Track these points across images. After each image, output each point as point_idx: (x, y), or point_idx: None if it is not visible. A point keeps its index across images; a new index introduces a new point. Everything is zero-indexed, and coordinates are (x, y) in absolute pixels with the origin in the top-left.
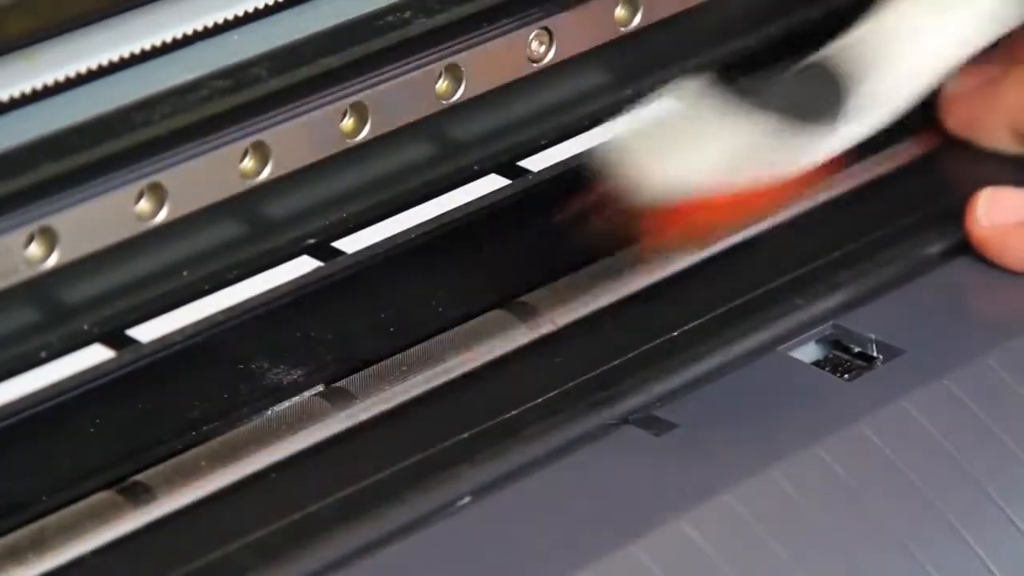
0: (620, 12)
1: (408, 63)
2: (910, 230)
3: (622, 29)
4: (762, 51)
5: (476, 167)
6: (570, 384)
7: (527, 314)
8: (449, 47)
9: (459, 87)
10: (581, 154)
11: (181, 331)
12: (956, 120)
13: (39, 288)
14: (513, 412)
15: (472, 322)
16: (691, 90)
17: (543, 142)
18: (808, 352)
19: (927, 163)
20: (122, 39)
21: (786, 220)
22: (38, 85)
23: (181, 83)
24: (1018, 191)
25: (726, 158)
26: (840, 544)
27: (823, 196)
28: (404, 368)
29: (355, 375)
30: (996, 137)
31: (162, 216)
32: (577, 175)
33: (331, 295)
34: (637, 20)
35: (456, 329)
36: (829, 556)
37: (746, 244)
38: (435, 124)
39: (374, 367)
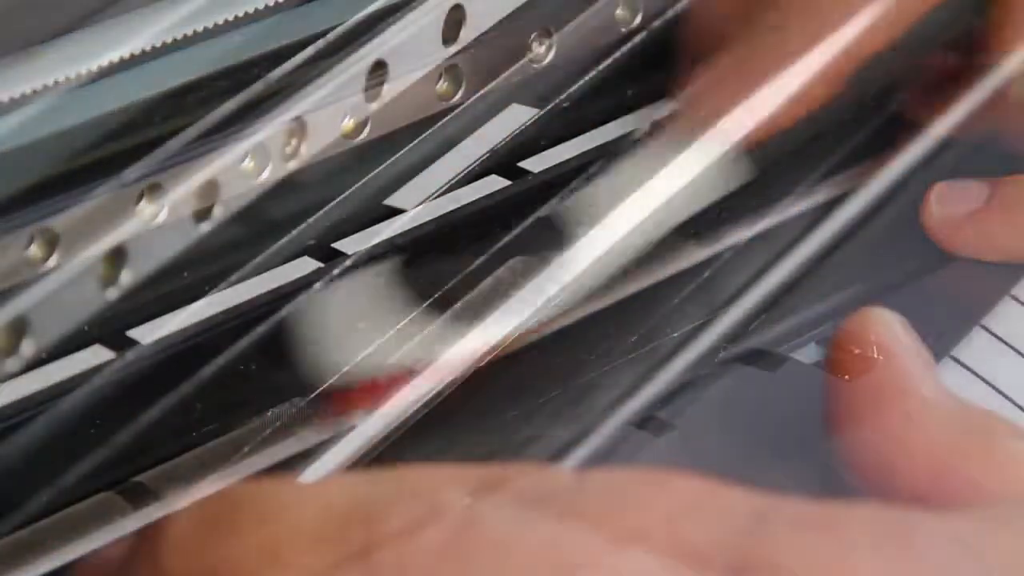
0: (620, 12)
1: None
2: (910, 230)
3: (623, 29)
4: None
5: (478, 167)
6: (570, 385)
7: None
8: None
9: (459, 88)
10: (580, 154)
11: (181, 331)
12: None
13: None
14: (513, 412)
15: None
16: None
17: (542, 143)
18: (808, 353)
19: (927, 164)
20: (123, 40)
21: (786, 220)
22: (38, 85)
23: (181, 84)
24: (967, 182)
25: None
26: None
27: (823, 196)
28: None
29: None
30: None
31: (162, 218)
32: (575, 173)
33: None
34: (637, 21)
35: None
36: None
37: (746, 244)
38: (436, 124)
39: None
